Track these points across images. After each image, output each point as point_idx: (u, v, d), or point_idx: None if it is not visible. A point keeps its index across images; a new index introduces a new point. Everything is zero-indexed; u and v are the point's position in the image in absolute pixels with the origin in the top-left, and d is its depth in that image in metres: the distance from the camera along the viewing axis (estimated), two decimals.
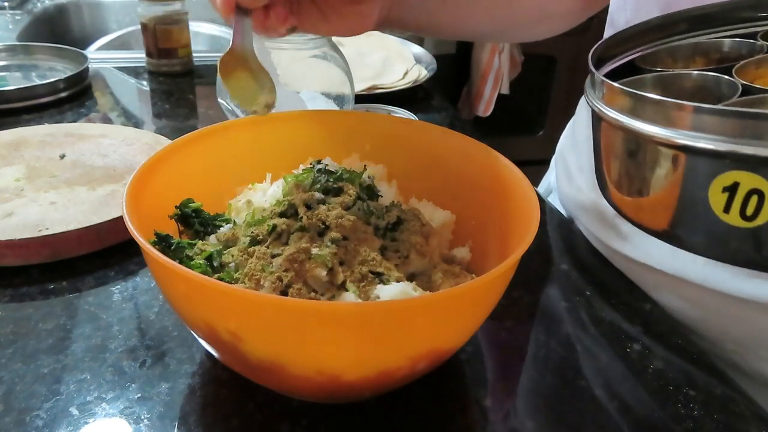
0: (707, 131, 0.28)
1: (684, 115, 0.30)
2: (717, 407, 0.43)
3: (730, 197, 0.28)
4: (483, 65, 2.04)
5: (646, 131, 0.31)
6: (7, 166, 0.63)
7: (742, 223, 0.28)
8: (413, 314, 0.33)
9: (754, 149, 0.27)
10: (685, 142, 0.29)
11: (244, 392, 0.41)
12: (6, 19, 1.23)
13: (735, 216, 0.29)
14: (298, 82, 0.69)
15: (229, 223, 0.45)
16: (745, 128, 0.27)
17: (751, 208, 0.28)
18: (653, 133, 0.31)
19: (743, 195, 0.28)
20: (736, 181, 0.28)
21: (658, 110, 0.31)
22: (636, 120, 0.32)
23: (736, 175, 0.28)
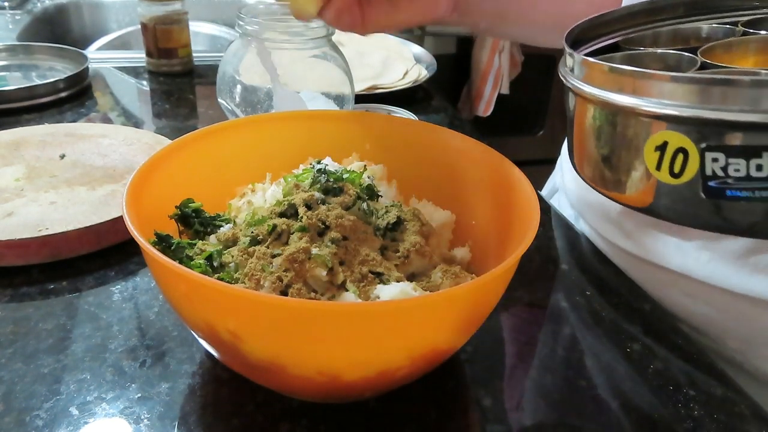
0: (645, 95, 0.31)
1: (627, 80, 0.32)
2: (717, 407, 0.43)
3: (661, 156, 0.31)
4: (483, 65, 2.04)
5: (597, 95, 0.34)
6: (7, 166, 0.63)
7: (671, 180, 0.31)
8: (413, 314, 0.33)
9: (681, 110, 0.29)
10: (621, 103, 0.32)
11: (244, 392, 0.41)
12: (6, 19, 1.23)
13: (666, 174, 0.31)
14: (298, 82, 0.69)
15: (229, 223, 0.45)
16: (674, 92, 0.29)
17: (678, 165, 0.30)
18: (602, 96, 0.33)
19: (671, 153, 0.30)
20: (666, 141, 0.30)
21: (608, 78, 0.33)
22: (593, 87, 0.34)
23: (666, 135, 0.30)
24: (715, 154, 0.29)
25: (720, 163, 0.29)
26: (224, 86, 0.71)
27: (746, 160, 0.28)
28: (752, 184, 0.28)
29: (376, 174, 0.49)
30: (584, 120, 0.36)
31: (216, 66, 0.74)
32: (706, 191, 0.30)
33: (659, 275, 0.54)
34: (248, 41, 0.68)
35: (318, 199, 0.42)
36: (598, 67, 0.34)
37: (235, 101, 0.71)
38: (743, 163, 0.28)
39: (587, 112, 0.36)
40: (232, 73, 0.70)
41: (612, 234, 0.58)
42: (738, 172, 0.28)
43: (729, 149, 0.28)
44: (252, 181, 0.49)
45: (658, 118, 0.30)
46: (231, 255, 0.40)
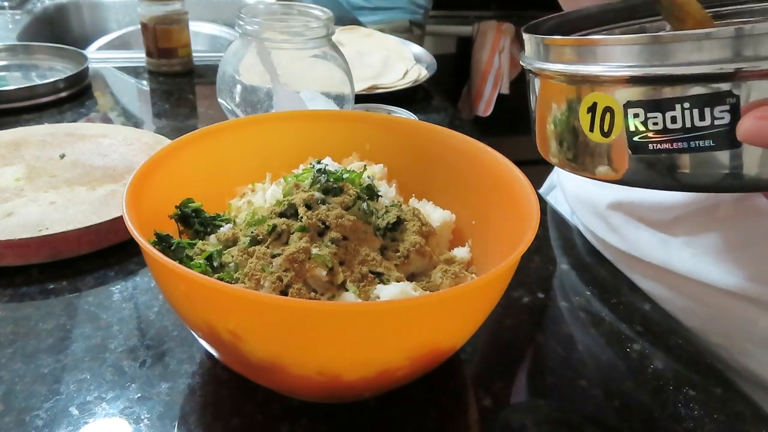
0: (574, 61, 0.33)
1: (559, 49, 0.34)
2: (717, 407, 0.43)
3: (592, 117, 0.32)
4: (483, 65, 2.04)
5: (537, 68, 0.36)
6: (7, 166, 0.63)
7: (602, 139, 0.32)
8: (413, 314, 0.33)
9: (599, 70, 0.31)
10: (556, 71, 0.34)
11: (244, 392, 0.41)
12: (6, 19, 1.23)
13: (597, 134, 0.33)
14: (298, 82, 0.69)
15: (229, 223, 0.45)
16: (595, 54, 0.32)
17: (607, 124, 0.32)
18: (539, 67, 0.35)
19: (600, 113, 0.32)
20: (595, 101, 0.32)
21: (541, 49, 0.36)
22: (537, 62, 0.36)
23: (594, 96, 0.32)
24: (635, 110, 0.30)
25: (640, 118, 0.30)
26: (224, 86, 0.71)
27: (662, 113, 0.30)
28: (670, 136, 0.30)
29: (376, 174, 0.50)
30: (537, 100, 0.38)
31: (216, 66, 0.74)
32: (632, 147, 0.31)
33: (644, 270, 0.55)
34: (248, 41, 0.68)
35: (318, 199, 0.42)
36: (534, 39, 0.36)
37: (235, 101, 0.71)
38: (660, 116, 0.30)
39: (533, 86, 0.38)
40: (232, 73, 0.70)
41: (600, 229, 0.59)
42: (656, 125, 0.30)
43: (646, 104, 0.30)
44: (252, 181, 0.49)
45: (587, 82, 0.32)
46: (231, 255, 0.40)
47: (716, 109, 0.28)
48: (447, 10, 2.08)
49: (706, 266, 0.50)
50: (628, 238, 0.55)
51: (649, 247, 0.53)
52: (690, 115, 0.29)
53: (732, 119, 0.28)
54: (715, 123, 0.28)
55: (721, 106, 0.28)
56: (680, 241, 0.51)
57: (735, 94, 0.28)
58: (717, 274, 0.49)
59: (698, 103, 0.29)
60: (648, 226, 0.54)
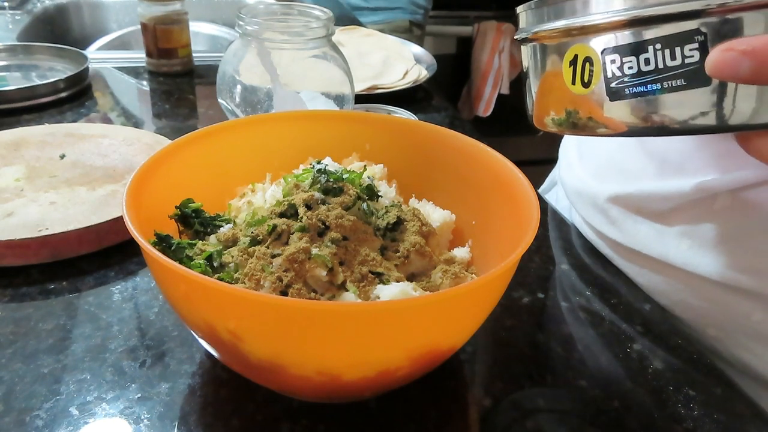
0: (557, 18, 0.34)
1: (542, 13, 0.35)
2: (717, 407, 0.43)
3: (573, 70, 0.33)
4: (483, 65, 2.04)
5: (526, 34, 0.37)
6: (7, 166, 0.63)
7: (584, 90, 0.33)
8: (413, 314, 0.33)
9: (576, 22, 0.32)
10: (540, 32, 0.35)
11: (244, 392, 0.42)
12: (6, 19, 1.23)
13: (579, 86, 0.33)
14: (298, 82, 0.69)
15: (229, 223, 0.45)
16: (570, 8, 0.32)
17: (587, 74, 0.32)
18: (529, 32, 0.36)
19: (581, 65, 0.33)
20: (576, 54, 0.33)
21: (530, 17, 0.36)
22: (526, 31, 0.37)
23: (575, 49, 0.33)
24: (611, 56, 0.31)
25: (617, 64, 0.31)
26: (224, 86, 0.71)
27: (636, 56, 0.30)
28: (644, 78, 0.31)
29: (376, 174, 0.50)
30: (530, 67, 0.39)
31: (216, 66, 0.74)
32: (610, 93, 0.32)
33: (642, 262, 0.55)
34: (248, 41, 0.68)
35: (318, 199, 0.42)
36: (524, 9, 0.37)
37: (235, 101, 0.71)
38: (634, 59, 0.30)
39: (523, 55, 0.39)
40: (232, 73, 0.70)
41: (599, 222, 0.59)
42: (631, 69, 0.31)
43: (621, 49, 0.31)
44: (252, 181, 0.49)
45: (566, 36, 0.33)
46: (231, 255, 0.40)
47: (686, 48, 0.29)
48: (447, 11, 2.09)
49: (702, 258, 0.50)
50: (626, 231, 0.56)
51: (646, 239, 0.54)
52: (662, 55, 0.30)
53: (701, 56, 0.29)
54: (686, 61, 0.29)
55: (690, 44, 0.29)
56: (677, 233, 0.51)
57: (703, 32, 0.29)
58: (713, 266, 0.49)
59: (669, 42, 0.29)
60: (646, 218, 0.54)
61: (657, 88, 0.30)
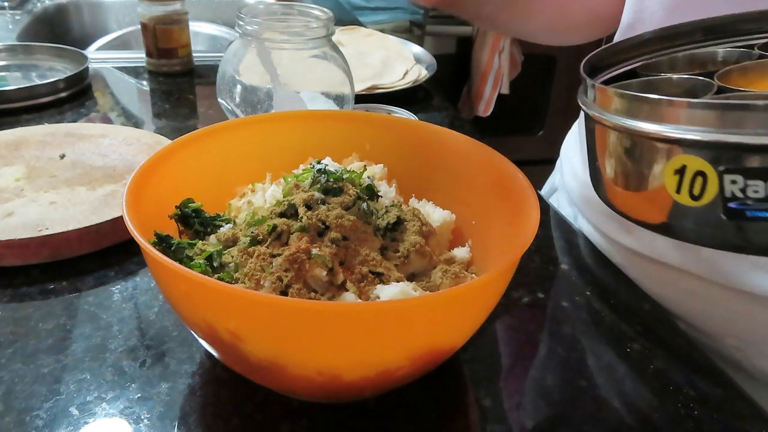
0: (662, 121, 0.32)
1: (643, 107, 0.33)
2: (717, 407, 0.43)
3: (680, 179, 0.32)
4: (483, 65, 2.04)
5: (617, 123, 0.35)
6: (7, 166, 0.63)
7: (691, 203, 0.31)
8: (413, 314, 0.33)
9: (699, 135, 0.30)
10: (641, 129, 0.33)
11: (244, 392, 0.41)
12: (6, 19, 1.23)
13: (685, 196, 0.32)
14: (298, 82, 0.69)
15: (229, 223, 0.45)
16: (689, 117, 0.30)
17: (697, 188, 0.31)
18: (622, 124, 0.34)
19: (690, 177, 0.31)
20: (684, 164, 0.31)
21: (623, 104, 0.35)
22: (615, 116, 0.35)
23: (684, 159, 0.31)
24: (733, 177, 0.29)
25: (739, 185, 0.29)
26: (224, 86, 0.71)
27: (764, 181, 0.29)
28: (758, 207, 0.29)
29: (376, 174, 0.50)
30: (605, 147, 0.37)
31: (216, 66, 0.74)
32: (727, 213, 0.30)
33: (659, 272, 0.54)
34: (248, 41, 0.68)
35: (318, 199, 0.42)
36: (614, 94, 0.35)
37: (235, 101, 0.71)
38: (762, 184, 0.29)
39: (607, 139, 0.37)
40: (232, 73, 0.70)
41: (613, 230, 0.58)
42: (757, 193, 0.29)
43: (747, 171, 0.29)
44: (252, 181, 0.49)
45: (676, 143, 0.31)
46: (231, 255, 0.40)
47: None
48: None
49: (724, 267, 0.49)
50: (643, 239, 0.55)
51: (665, 247, 0.53)
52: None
53: None
54: None
55: None
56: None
57: None
58: (734, 276, 0.49)
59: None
60: None
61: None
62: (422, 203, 0.49)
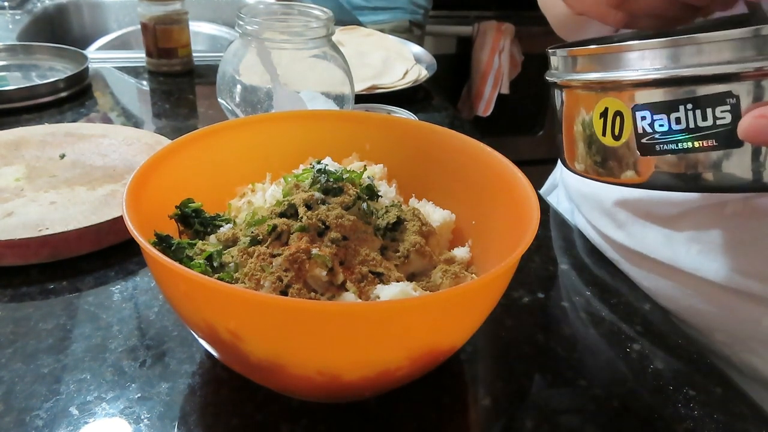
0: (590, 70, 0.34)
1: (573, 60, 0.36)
2: (717, 407, 0.43)
3: (604, 122, 0.34)
4: (483, 65, 2.04)
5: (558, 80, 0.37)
6: (7, 166, 0.63)
7: (614, 143, 0.34)
8: (413, 314, 0.33)
9: (608, 76, 0.33)
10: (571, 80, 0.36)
11: (244, 392, 0.42)
12: (6, 19, 1.23)
13: (609, 138, 0.34)
14: (298, 82, 0.69)
15: (229, 223, 0.46)
16: (607, 61, 0.33)
17: (617, 128, 0.33)
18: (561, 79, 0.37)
19: (611, 118, 0.33)
20: (606, 107, 0.33)
21: (563, 62, 0.37)
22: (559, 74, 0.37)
23: (606, 102, 0.33)
24: (642, 113, 0.32)
25: (647, 120, 0.32)
26: (224, 86, 0.71)
27: (667, 114, 0.31)
28: (675, 136, 0.31)
29: (376, 174, 0.50)
30: (561, 112, 0.39)
31: (216, 66, 0.74)
32: (640, 148, 0.32)
33: (650, 267, 0.55)
34: (248, 41, 0.68)
35: (318, 199, 0.42)
36: (555, 53, 0.38)
37: (235, 101, 0.71)
38: (665, 117, 0.31)
39: (556, 99, 0.39)
40: (232, 73, 0.70)
41: (606, 226, 0.59)
42: (662, 127, 0.31)
43: (653, 106, 0.31)
44: (252, 181, 0.49)
45: (600, 89, 0.34)
46: (231, 255, 0.40)
47: (717, 109, 0.29)
48: (447, 10, 2.09)
49: (712, 263, 0.50)
50: (634, 235, 0.55)
51: (655, 243, 0.54)
52: (693, 115, 0.30)
53: (733, 119, 0.29)
54: (717, 123, 0.29)
55: (722, 106, 0.29)
56: (687, 238, 0.51)
57: (735, 95, 0.29)
58: (722, 271, 0.49)
59: (700, 104, 0.30)
60: (654, 222, 0.54)
61: (688, 147, 0.31)
62: (422, 203, 0.49)
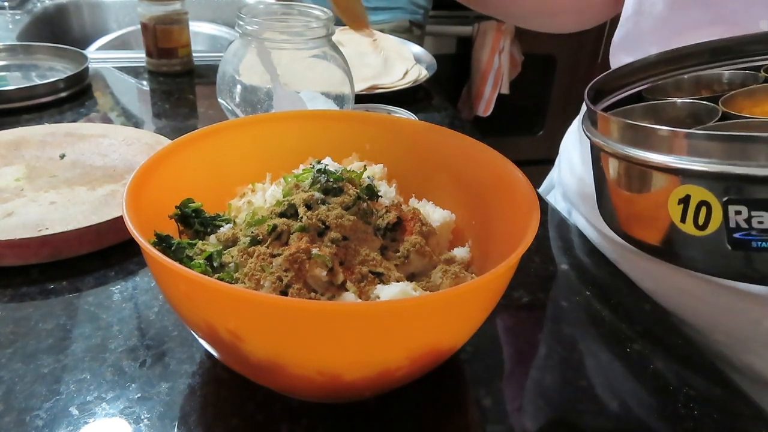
0: (665, 151, 0.32)
1: (645, 135, 0.33)
2: (717, 407, 0.43)
3: (684, 209, 0.31)
4: (483, 65, 2.04)
5: (620, 151, 0.34)
6: (7, 166, 0.63)
7: (696, 232, 0.31)
8: (413, 314, 0.33)
9: (702, 166, 0.30)
10: (644, 159, 0.33)
11: (244, 392, 0.42)
12: (6, 19, 1.23)
13: (690, 226, 0.31)
14: (298, 82, 0.69)
15: (229, 223, 0.46)
16: (692, 147, 0.30)
17: (702, 218, 0.31)
18: (624, 152, 0.34)
19: (694, 207, 0.31)
20: (688, 194, 0.31)
21: (624, 132, 0.34)
22: (618, 144, 0.35)
23: (688, 189, 0.31)
24: (737, 207, 0.29)
25: (743, 216, 0.29)
26: (224, 86, 0.71)
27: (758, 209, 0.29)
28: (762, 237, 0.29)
29: (376, 174, 0.50)
30: (610, 175, 0.37)
31: (216, 66, 0.74)
32: (732, 243, 0.30)
33: (649, 267, 0.55)
34: (248, 41, 0.68)
35: (318, 199, 0.42)
36: (616, 122, 0.35)
37: (235, 101, 0.71)
38: (766, 215, 0.29)
39: (612, 168, 0.37)
40: (232, 73, 0.70)
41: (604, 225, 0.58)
42: (762, 224, 0.29)
43: (751, 202, 0.29)
44: (252, 181, 0.49)
45: (679, 173, 0.31)
46: (231, 255, 0.40)
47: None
48: (447, 10, 2.09)
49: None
50: None
51: None
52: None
53: None
54: None
55: None
56: None
57: None
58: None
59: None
60: None
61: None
62: (422, 203, 0.49)
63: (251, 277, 0.37)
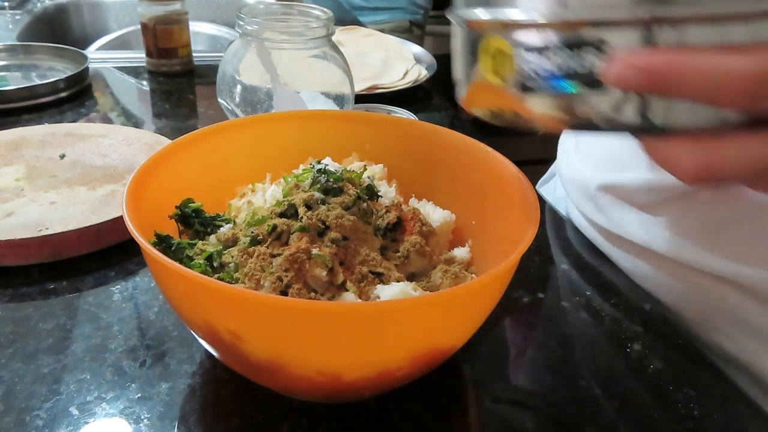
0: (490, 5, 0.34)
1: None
2: (717, 407, 0.43)
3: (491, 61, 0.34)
4: None
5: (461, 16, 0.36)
6: (7, 166, 0.63)
7: (499, 82, 0.34)
8: (413, 314, 0.33)
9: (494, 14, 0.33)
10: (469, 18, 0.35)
11: (244, 392, 0.42)
12: (6, 19, 1.23)
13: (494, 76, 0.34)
14: (298, 82, 0.69)
15: (229, 223, 0.46)
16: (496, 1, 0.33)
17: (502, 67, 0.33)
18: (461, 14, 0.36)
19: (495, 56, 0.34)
20: (492, 46, 0.34)
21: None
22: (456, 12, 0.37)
23: (492, 40, 0.34)
24: (520, 51, 0.32)
25: (522, 60, 0.32)
26: (224, 86, 0.71)
27: (540, 54, 0.32)
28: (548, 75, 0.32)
29: (376, 174, 0.50)
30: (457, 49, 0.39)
31: (216, 66, 0.74)
32: (523, 88, 0.33)
33: (627, 248, 0.57)
34: (248, 41, 0.68)
35: (318, 199, 0.42)
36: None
37: (235, 101, 0.71)
38: (536, 58, 0.32)
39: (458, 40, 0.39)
40: (232, 73, 0.70)
41: (589, 209, 0.61)
42: (533, 65, 0.32)
43: (531, 48, 0.32)
44: (252, 181, 0.49)
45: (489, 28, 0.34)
46: (231, 255, 0.40)
47: (591, 55, 0.30)
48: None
49: (684, 246, 0.52)
50: (613, 218, 0.58)
51: (632, 226, 0.56)
52: (568, 59, 0.31)
53: (600, 63, 0.30)
54: (591, 67, 0.30)
55: (596, 52, 0.30)
56: (661, 222, 0.53)
57: (607, 42, 0.30)
58: (693, 253, 0.51)
59: (576, 47, 0.30)
60: (633, 207, 0.56)
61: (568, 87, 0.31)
62: (422, 203, 0.49)
63: (251, 277, 0.37)
